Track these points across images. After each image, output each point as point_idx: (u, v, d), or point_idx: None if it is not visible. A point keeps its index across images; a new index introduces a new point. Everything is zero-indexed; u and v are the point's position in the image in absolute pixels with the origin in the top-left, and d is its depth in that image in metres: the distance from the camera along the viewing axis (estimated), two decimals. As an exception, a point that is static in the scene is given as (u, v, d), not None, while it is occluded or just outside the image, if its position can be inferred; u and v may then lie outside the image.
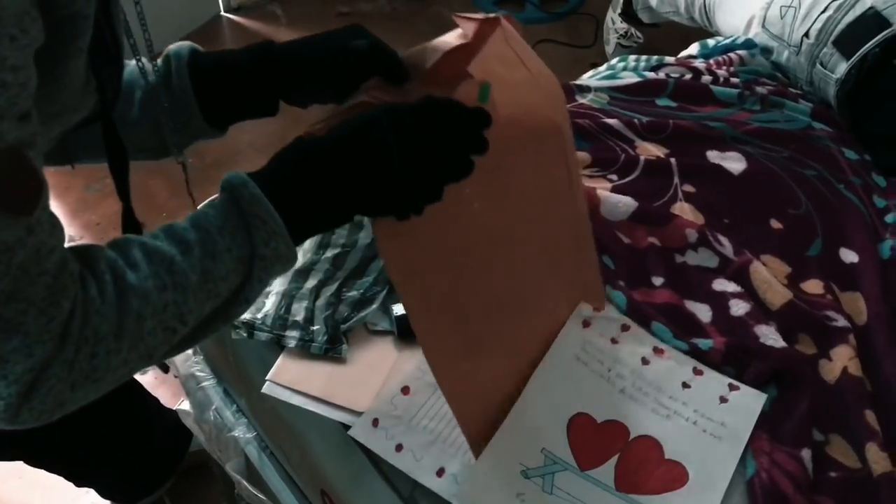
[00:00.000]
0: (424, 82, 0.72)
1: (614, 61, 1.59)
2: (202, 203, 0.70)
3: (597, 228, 1.13)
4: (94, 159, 0.80)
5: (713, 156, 1.29)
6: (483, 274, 0.81)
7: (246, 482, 1.14)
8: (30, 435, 0.69)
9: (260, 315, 0.98)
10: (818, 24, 1.45)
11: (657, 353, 0.96)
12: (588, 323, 0.98)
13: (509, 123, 0.70)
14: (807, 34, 1.47)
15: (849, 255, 1.16)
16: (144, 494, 1.54)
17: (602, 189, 1.18)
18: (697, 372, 0.95)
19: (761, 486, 0.84)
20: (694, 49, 1.66)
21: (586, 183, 1.21)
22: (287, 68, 0.78)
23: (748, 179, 1.25)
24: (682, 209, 1.18)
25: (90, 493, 1.53)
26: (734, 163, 1.27)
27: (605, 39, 2.66)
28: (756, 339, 0.99)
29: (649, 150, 1.29)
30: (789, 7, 1.52)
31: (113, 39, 0.68)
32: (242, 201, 0.64)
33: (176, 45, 0.81)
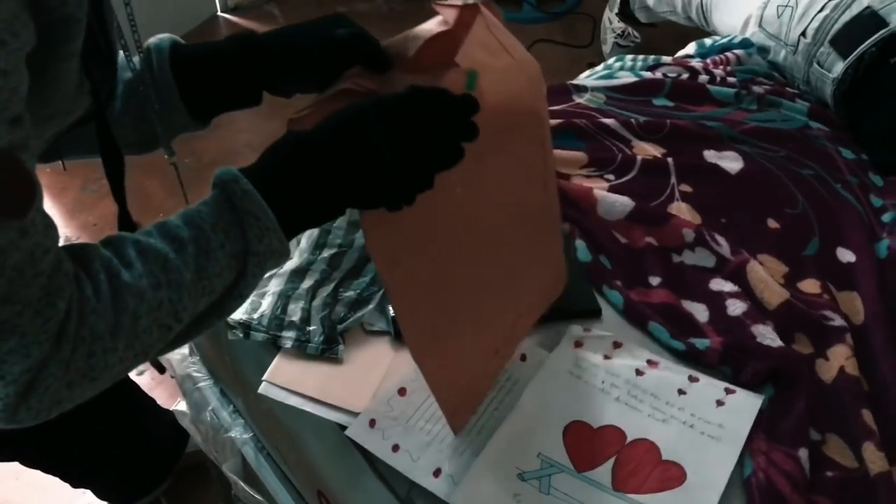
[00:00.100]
0: (407, 70, 0.72)
1: (611, 61, 1.59)
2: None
3: (594, 228, 1.13)
4: (85, 155, 0.80)
5: (710, 155, 1.29)
6: (462, 256, 0.82)
7: (243, 483, 1.14)
8: (27, 436, 0.69)
9: (256, 315, 0.98)
10: (815, 24, 1.45)
11: (651, 364, 0.96)
12: (580, 343, 0.98)
13: (494, 110, 0.70)
14: (804, 33, 1.47)
15: (846, 255, 1.16)
16: (141, 495, 1.53)
17: (599, 189, 1.18)
18: (693, 379, 0.95)
19: (758, 486, 0.84)
20: (691, 48, 1.66)
21: (583, 183, 1.21)
22: (269, 58, 0.78)
23: (745, 179, 1.25)
24: (679, 209, 1.18)
25: (87, 494, 1.52)
26: (731, 162, 1.28)
27: (602, 39, 2.66)
28: (753, 338, 0.99)
29: (646, 150, 1.29)
30: (786, 6, 1.53)
31: (106, 42, 0.68)
32: (235, 197, 0.63)
33: (156, 38, 0.81)
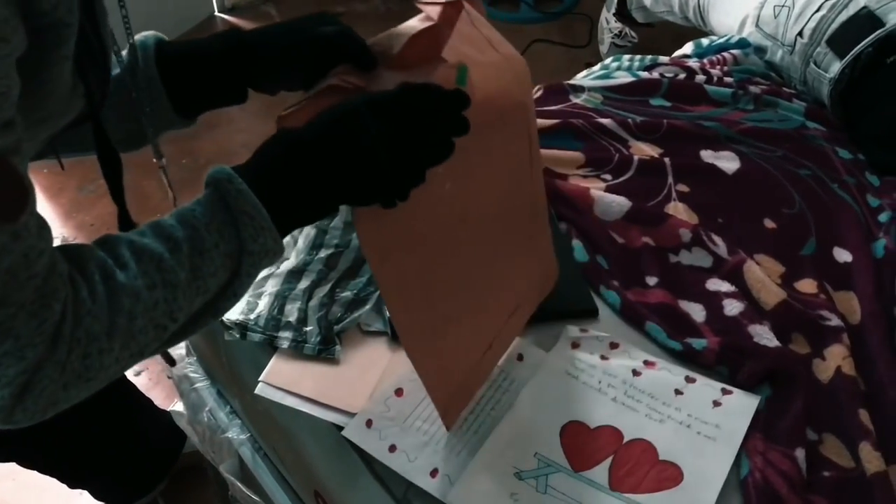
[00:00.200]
0: (392, 67, 0.72)
1: (608, 61, 1.59)
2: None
3: (591, 228, 1.13)
4: (79, 153, 0.80)
5: (707, 155, 1.29)
6: (452, 251, 0.82)
7: (240, 483, 1.14)
8: (24, 436, 0.69)
9: (253, 316, 0.98)
10: (812, 24, 1.45)
11: (648, 365, 0.96)
12: (577, 343, 0.98)
13: (483, 104, 0.70)
14: (800, 33, 1.47)
15: (842, 255, 1.16)
16: (138, 496, 1.53)
17: (596, 189, 1.18)
18: (690, 380, 0.95)
19: (755, 486, 0.84)
20: (688, 48, 1.66)
21: (580, 183, 1.21)
22: (255, 55, 0.78)
23: (742, 179, 1.25)
24: (676, 209, 1.18)
25: (84, 495, 1.52)
26: (728, 162, 1.28)
27: (599, 39, 2.66)
28: (750, 338, 0.99)
29: (643, 150, 1.29)
30: (783, 6, 1.53)
31: (99, 45, 0.68)
32: (229, 197, 0.63)
33: (141, 36, 0.80)
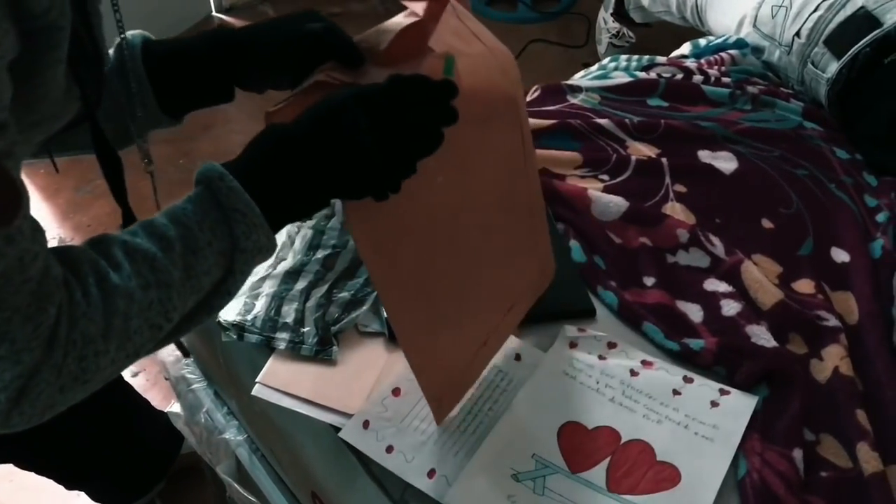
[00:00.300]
0: (379, 64, 0.72)
1: (605, 61, 1.59)
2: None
3: (588, 228, 1.13)
4: (74, 153, 0.80)
5: (704, 155, 1.29)
6: (446, 245, 0.82)
7: (237, 484, 1.13)
8: (21, 438, 0.69)
9: (250, 317, 0.98)
10: (809, 24, 1.45)
11: (646, 365, 0.96)
12: (575, 343, 0.98)
13: (471, 94, 0.70)
14: (798, 34, 1.47)
15: (840, 255, 1.16)
16: (136, 497, 1.53)
17: (593, 189, 1.18)
18: (688, 380, 0.95)
19: (753, 487, 0.84)
20: (685, 49, 1.66)
21: (578, 183, 1.21)
22: (242, 52, 0.77)
23: (739, 179, 1.25)
24: (674, 209, 1.18)
25: (81, 496, 1.52)
26: (725, 162, 1.28)
27: (597, 39, 2.66)
28: (747, 338, 0.99)
29: (641, 150, 1.29)
30: (780, 6, 1.53)
31: (93, 47, 0.68)
32: (220, 194, 0.63)
33: (127, 34, 0.80)
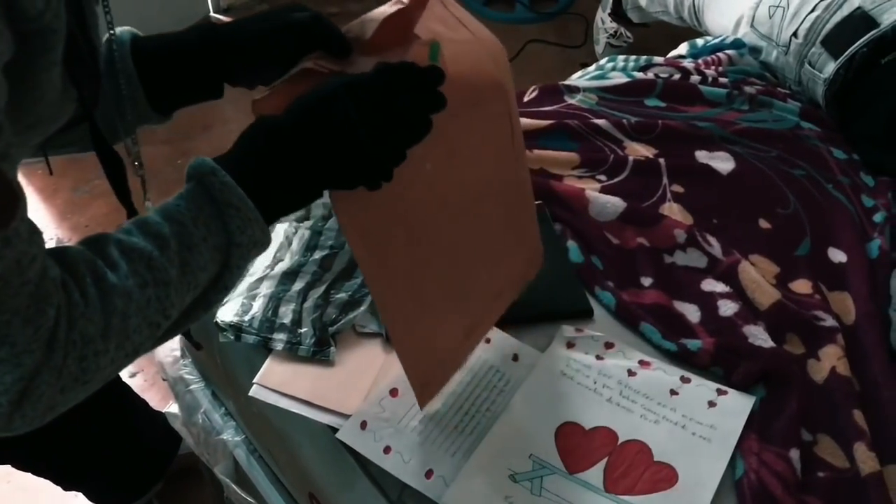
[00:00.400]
0: (366, 53, 0.72)
1: (603, 61, 1.59)
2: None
3: (586, 229, 1.13)
4: (70, 152, 0.80)
5: (702, 156, 1.29)
6: (434, 233, 0.82)
7: (235, 485, 1.13)
8: (18, 439, 0.69)
9: (247, 318, 0.98)
10: (806, 24, 1.45)
11: (643, 365, 0.96)
12: (572, 343, 0.98)
13: (458, 81, 0.70)
14: (795, 34, 1.47)
15: (837, 255, 1.16)
16: (133, 498, 1.53)
17: (591, 189, 1.18)
18: (685, 380, 0.95)
19: (750, 487, 0.84)
20: (683, 49, 1.67)
21: (575, 183, 1.21)
22: (232, 45, 0.77)
23: (737, 179, 1.25)
24: (671, 209, 1.18)
25: (78, 497, 1.52)
26: (723, 163, 1.28)
27: (594, 39, 2.66)
28: (745, 339, 0.99)
29: (638, 151, 1.29)
30: (778, 7, 1.53)
31: (89, 49, 0.68)
32: (213, 190, 0.63)
33: (116, 30, 0.79)
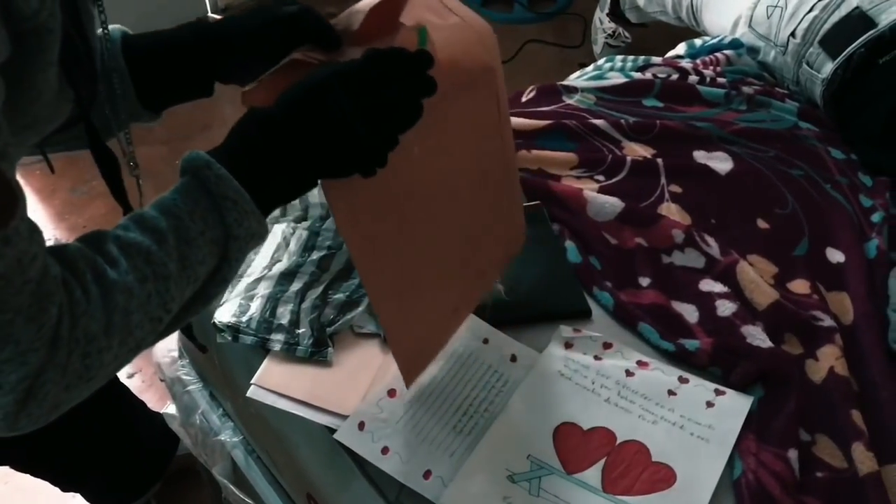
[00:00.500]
0: (355, 44, 0.73)
1: (601, 62, 1.59)
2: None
3: (584, 229, 1.13)
4: (67, 150, 0.80)
5: (700, 156, 1.29)
6: (422, 216, 0.82)
7: (233, 486, 1.13)
8: (17, 440, 0.69)
9: (245, 318, 0.98)
10: (804, 24, 1.45)
11: (641, 365, 0.96)
12: (570, 344, 0.98)
13: (447, 65, 0.70)
14: (793, 34, 1.47)
15: (835, 255, 1.16)
16: (132, 498, 1.53)
17: (589, 190, 1.18)
18: (683, 380, 0.95)
19: (748, 487, 0.84)
20: (681, 49, 1.67)
21: (573, 184, 1.21)
22: (222, 42, 0.78)
23: (735, 179, 1.25)
24: (669, 209, 1.18)
25: (76, 498, 1.52)
26: (721, 163, 1.28)
27: (592, 39, 2.66)
28: (743, 339, 0.99)
29: (636, 151, 1.29)
30: (776, 7, 1.53)
31: (85, 49, 0.67)
32: (209, 183, 0.63)
33: (102, 30, 0.79)
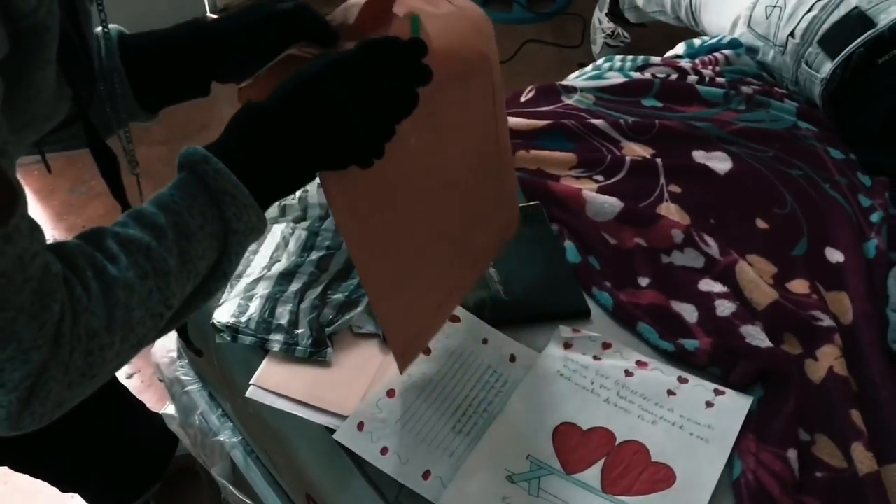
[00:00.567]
0: (350, 38, 0.72)
1: (600, 61, 1.59)
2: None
3: (583, 229, 1.13)
4: (64, 149, 0.80)
5: (699, 156, 1.29)
6: (418, 205, 0.82)
7: (232, 486, 1.13)
8: (16, 440, 0.69)
9: (244, 319, 0.97)
10: (803, 24, 1.45)
11: (640, 365, 0.96)
12: (569, 344, 0.98)
13: (442, 54, 0.70)
14: (792, 34, 1.47)
15: (834, 255, 1.16)
16: (131, 499, 1.53)
17: (588, 190, 1.18)
18: (682, 380, 0.95)
19: (748, 487, 0.84)
20: (680, 49, 1.67)
21: (573, 183, 1.21)
22: (218, 40, 0.78)
23: (734, 179, 1.25)
24: (668, 209, 1.18)
25: (75, 499, 1.52)
26: (720, 163, 1.28)
27: (592, 39, 2.66)
28: (742, 339, 0.99)
29: (635, 151, 1.29)
30: (775, 7, 1.53)
31: (83, 48, 0.67)
32: (207, 178, 0.63)
33: (101, 29, 0.79)
